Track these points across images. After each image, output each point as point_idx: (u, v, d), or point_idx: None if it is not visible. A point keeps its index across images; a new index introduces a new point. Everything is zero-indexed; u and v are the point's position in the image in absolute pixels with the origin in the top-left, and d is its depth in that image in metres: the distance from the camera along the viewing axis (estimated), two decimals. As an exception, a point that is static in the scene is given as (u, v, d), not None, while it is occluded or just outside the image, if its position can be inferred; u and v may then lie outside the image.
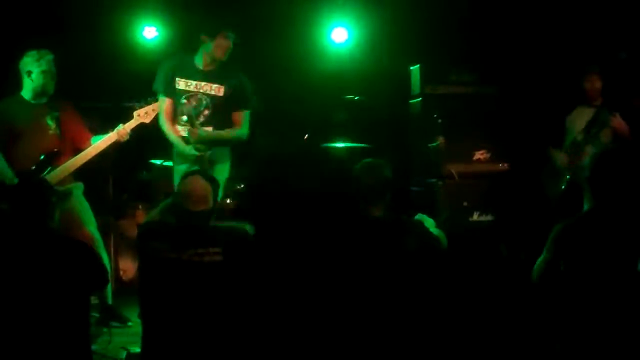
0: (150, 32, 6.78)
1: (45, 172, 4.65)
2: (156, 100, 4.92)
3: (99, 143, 4.79)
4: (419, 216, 3.72)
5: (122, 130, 4.79)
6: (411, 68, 6.45)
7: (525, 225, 5.71)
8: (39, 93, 4.77)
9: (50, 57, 4.76)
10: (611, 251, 2.99)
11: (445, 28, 6.50)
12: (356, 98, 6.58)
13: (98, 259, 3.53)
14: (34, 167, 4.63)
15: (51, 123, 4.78)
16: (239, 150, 5.60)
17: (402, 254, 3.31)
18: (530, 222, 5.65)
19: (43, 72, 4.73)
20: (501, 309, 4.47)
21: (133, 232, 5.78)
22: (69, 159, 4.77)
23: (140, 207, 6.20)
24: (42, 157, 4.67)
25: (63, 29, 6.01)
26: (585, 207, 3.17)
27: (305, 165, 6.41)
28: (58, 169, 4.70)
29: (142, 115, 4.86)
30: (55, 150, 4.73)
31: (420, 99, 6.31)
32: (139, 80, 6.53)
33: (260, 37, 6.86)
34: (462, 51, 6.46)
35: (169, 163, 5.75)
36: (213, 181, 3.64)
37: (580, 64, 5.54)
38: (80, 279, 3.30)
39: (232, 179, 6.06)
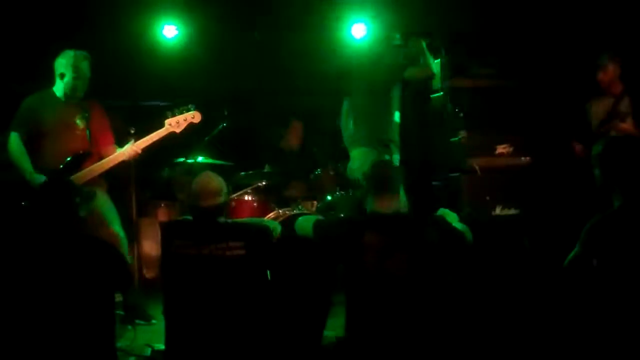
0: (170, 31, 6.80)
1: (72, 173, 4.66)
2: (188, 110, 4.86)
3: (126, 150, 4.79)
4: (441, 211, 3.70)
5: (138, 146, 4.78)
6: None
7: (549, 218, 5.66)
8: (69, 95, 4.79)
9: (85, 63, 4.77)
10: None
11: (465, 21, 6.45)
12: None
13: (122, 258, 3.55)
14: (61, 167, 4.63)
15: (80, 123, 4.78)
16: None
17: (425, 248, 3.29)
18: (553, 215, 5.61)
19: (74, 78, 4.74)
20: (524, 302, 4.43)
21: (156, 229, 5.81)
22: (96, 161, 4.78)
23: (162, 205, 6.23)
24: (69, 158, 4.65)
25: (83, 28, 6.04)
26: (616, 201, 3.10)
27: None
28: (84, 170, 4.70)
29: (173, 124, 4.81)
30: (84, 152, 4.71)
31: (442, 93, 6.27)
32: (158, 80, 6.58)
33: (279, 33, 6.86)
34: (483, 44, 6.42)
35: (191, 160, 5.78)
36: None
37: (597, 53, 5.50)
38: (104, 278, 3.32)
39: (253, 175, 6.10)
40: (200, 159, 5.90)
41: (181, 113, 4.82)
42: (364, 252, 3.27)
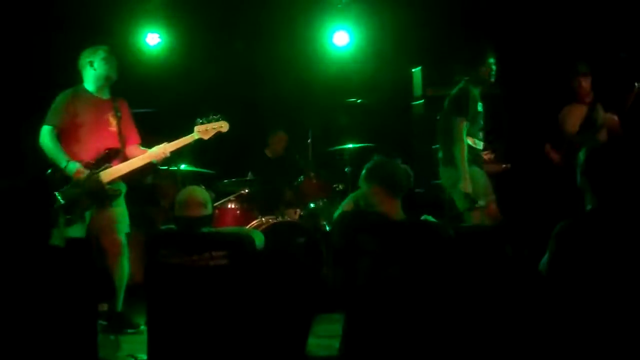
0: (153, 39, 6.81)
1: (102, 168, 4.66)
2: (217, 120, 4.85)
3: (155, 151, 4.77)
4: (423, 217, 3.72)
5: (167, 149, 4.76)
6: (413, 70, 6.46)
7: (531, 225, 5.71)
8: (103, 81, 4.79)
9: (105, 47, 4.79)
10: (615, 250, 2.99)
11: (445, 30, 6.51)
12: (358, 101, 6.58)
13: (99, 269, 3.55)
14: (94, 161, 4.64)
15: (112, 120, 4.79)
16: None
17: (421, 255, 3.31)
18: (535, 221, 5.65)
19: (104, 59, 4.75)
20: (507, 309, 4.46)
21: (137, 237, 5.79)
22: (122, 160, 4.77)
23: (145, 211, 6.22)
24: (106, 151, 4.68)
25: (65, 37, 6.02)
26: (588, 206, 3.16)
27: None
28: (113, 168, 4.70)
29: (202, 131, 4.80)
30: (117, 148, 4.74)
31: (423, 100, 6.32)
32: (141, 87, 6.57)
33: (262, 40, 6.88)
34: (463, 53, 6.47)
35: (174, 168, 5.78)
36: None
37: (571, 63, 5.56)
38: (84, 288, 3.31)
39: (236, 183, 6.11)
40: (183, 166, 5.91)
41: (210, 122, 4.83)
42: (360, 257, 3.29)
